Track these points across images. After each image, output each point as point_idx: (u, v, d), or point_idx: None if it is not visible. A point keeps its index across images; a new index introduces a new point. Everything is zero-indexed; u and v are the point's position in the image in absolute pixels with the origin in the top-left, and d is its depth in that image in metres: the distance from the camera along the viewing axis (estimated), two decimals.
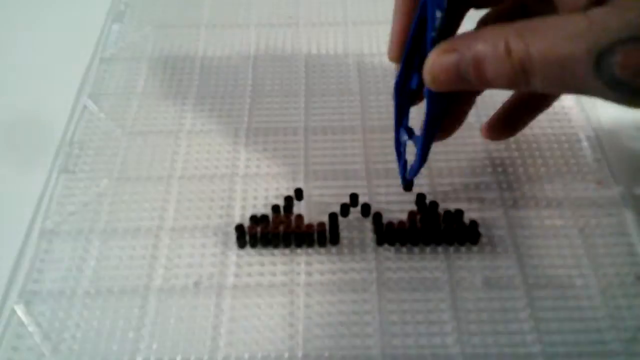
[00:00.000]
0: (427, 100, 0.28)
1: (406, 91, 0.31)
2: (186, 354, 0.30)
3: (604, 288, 0.32)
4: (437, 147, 0.38)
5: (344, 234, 0.34)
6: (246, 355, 0.30)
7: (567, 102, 0.41)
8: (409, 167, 0.34)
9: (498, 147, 0.38)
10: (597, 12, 0.22)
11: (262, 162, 0.38)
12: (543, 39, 0.23)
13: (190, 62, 0.45)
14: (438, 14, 0.24)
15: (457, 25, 0.30)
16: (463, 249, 0.33)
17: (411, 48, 0.28)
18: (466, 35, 0.25)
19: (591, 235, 0.34)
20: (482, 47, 0.24)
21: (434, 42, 0.25)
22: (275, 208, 0.35)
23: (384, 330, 0.30)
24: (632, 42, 0.21)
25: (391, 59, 0.31)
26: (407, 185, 0.35)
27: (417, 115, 0.33)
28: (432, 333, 0.30)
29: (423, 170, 0.37)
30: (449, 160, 0.38)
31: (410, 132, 0.33)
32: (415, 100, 0.32)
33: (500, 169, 0.37)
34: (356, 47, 0.46)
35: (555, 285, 0.32)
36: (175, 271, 0.33)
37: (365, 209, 0.35)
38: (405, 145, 0.34)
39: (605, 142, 0.39)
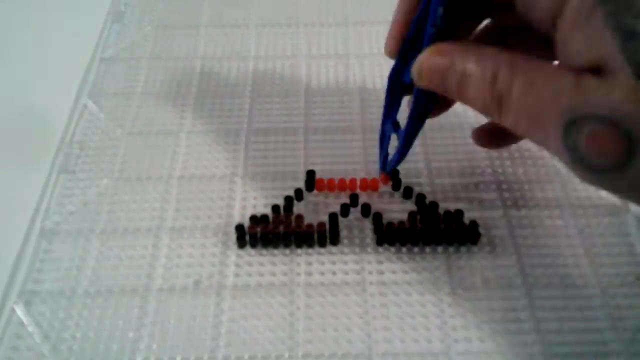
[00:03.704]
0: (414, 95, 0.28)
1: (399, 84, 0.32)
2: (186, 354, 0.30)
3: (604, 288, 0.32)
4: (437, 147, 0.38)
5: (344, 234, 0.34)
6: (246, 355, 0.30)
7: None
8: (389, 159, 0.34)
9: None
10: (588, 81, 0.21)
11: (262, 162, 0.38)
12: (528, 81, 0.22)
13: (190, 62, 0.45)
14: (440, 11, 0.25)
15: (455, 32, 0.29)
16: (463, 249, 0.33)
17: (410, 44, 0.29)
18: (465, 46, 0.25)
19: (591, 235, 0.34)
20: (472, 66, 0.24)
21: (432, 39, 0.26)
22: (275, 208, 0.35)
23: (385, 331, 0.30)
24: (606, 123, 0.20)
25: (388, 53, 0.31)
26: (388, 173, 0.35)
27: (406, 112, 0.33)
28: (433, 333, 0.30)
29: (423, 171, 0.37)
30: (449, 160, 0.38)
31: (396, 126, 0.33)
32: (406, 94, 0.32)
33: (500, 169, 0.37)
34: (356, 47, 0.46)
35: (555, 285, 0.32)
36: (175, 271, 0.33)
37: (365, 209, 0.35)
38: (389, 138, 0.34)
39: None
